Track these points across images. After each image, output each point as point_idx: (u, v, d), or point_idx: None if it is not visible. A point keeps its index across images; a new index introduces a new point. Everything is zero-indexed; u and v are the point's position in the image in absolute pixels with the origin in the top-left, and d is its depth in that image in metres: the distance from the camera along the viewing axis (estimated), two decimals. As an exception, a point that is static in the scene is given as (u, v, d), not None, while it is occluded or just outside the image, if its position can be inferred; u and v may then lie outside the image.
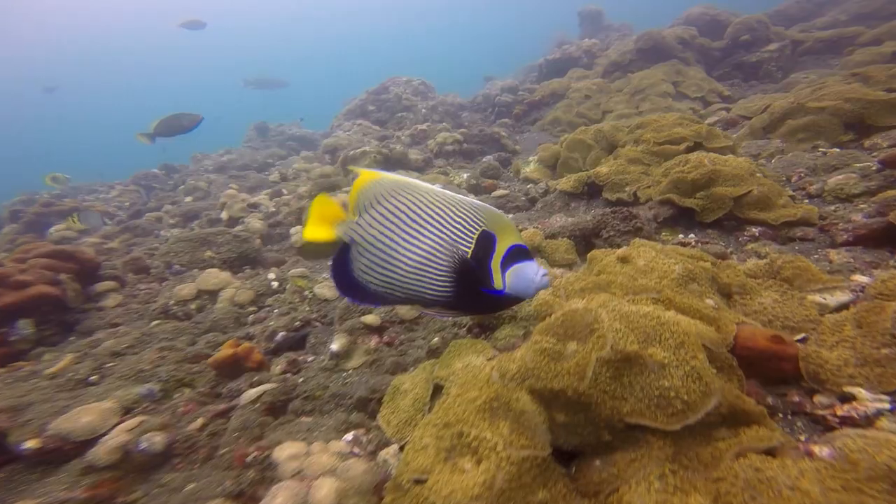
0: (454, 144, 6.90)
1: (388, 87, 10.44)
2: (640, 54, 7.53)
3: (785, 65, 6.47)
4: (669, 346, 1.06)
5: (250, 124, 11.96)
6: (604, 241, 2.29)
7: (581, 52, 10.13)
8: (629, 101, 6.74)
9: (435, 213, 1.15)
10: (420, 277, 1.15)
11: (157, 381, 2.19)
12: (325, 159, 8.12)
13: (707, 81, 6.46)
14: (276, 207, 5.58)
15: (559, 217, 2.83)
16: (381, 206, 1.18)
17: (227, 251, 3.64)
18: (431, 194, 1.17)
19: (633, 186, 2.67)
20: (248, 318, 3.01)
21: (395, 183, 1.19)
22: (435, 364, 1.62)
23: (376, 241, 1.17)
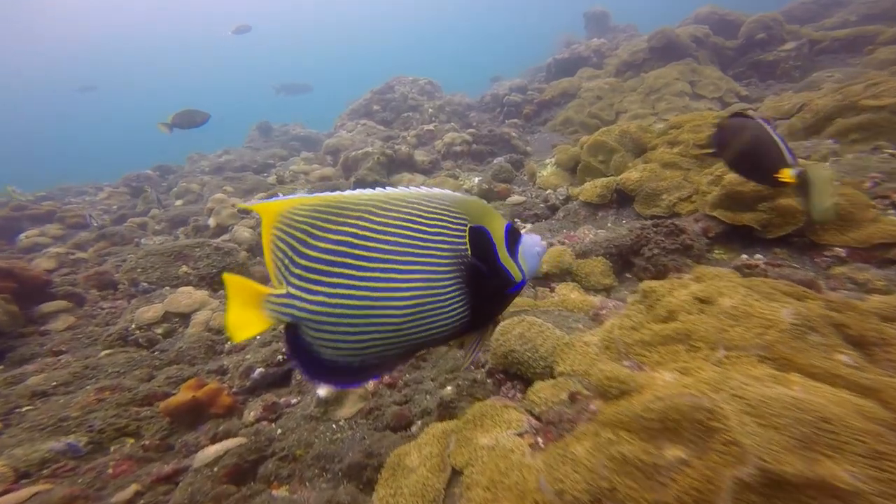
0: (463, 145, 6.52)
1: (394, 87, 10.05)
2: (654, 53, 7.16)
3: (803, 64, 6.09)
4: (848, 454, 0.64)
5: (253, 124, 11.64)
6: (646, 261, 1.87)
7: (590, 52, 9.80)
8: (644, 101, 6.36)
9: (405, 227, 0.87)
10: (422, 315, 0.88)
11: (86, 432, 1.75)
12: (327, 160, 7.72)
13: (724, 80, 6.09)
14: (249, 213, 5.17)
15: (587, 230, 2.41)
16: (315, 251, 0.85)
17: (207, 266, 3.21)
18: (383, 204, 0.87)
19: (672, 195, 2.26)
20: (223, 346, 2.59)
21: (320, 207, 0.86)
22: (450, 433, 1.19)
23: (332, 304, 0.85)
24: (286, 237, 0.86)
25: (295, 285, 0.85)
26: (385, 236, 0.86)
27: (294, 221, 0.85)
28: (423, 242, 0.87)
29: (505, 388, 1.42)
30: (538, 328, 1.40)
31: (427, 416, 1.59)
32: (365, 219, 0.86)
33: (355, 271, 0.84)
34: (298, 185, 6.60)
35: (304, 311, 0.86)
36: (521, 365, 1.35)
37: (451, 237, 0.90)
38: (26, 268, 2.82)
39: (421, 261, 0.87)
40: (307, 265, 0.85)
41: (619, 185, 2.58)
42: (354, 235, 0.85)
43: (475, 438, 1.09)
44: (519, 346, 1.37)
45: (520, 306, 1.70)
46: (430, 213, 0.90)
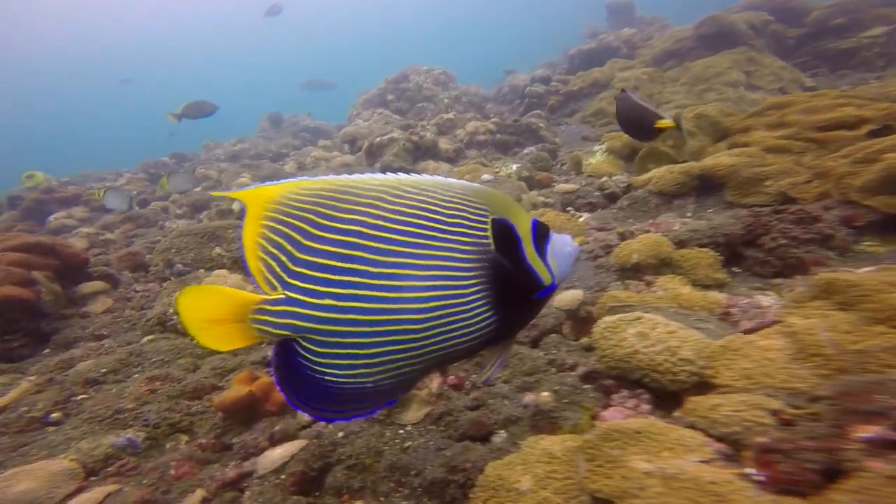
0: (486, 134, 6.28)
1: (409, 76, 10.03)
2: (702, 41, 6.78)
3: (886, 51, 5.64)
4: None
5: (264, 114, 11.74)
6: (766, 253, 1.64)
7: (620, 42, 9.47)
8: (689, 92, 6.03)
9: (421, 216, 0.74)
10: (443, 321, 0.74)
11: (142, 427, 1.59)
12: (345, 149, 7.65)
13: (787, 70, 5.72)
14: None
15: (671, 218, 2.18)
16: (322, 243, 0.71)
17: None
18: (395, 190, 0.75)
19: (781, 181, 2.01)
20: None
21: (325, 191, 0.73)
22: (575, 451, 0.99)
23: (343, 309, 0.71)
24: (283, 228, 0.71)
25: (295, 287, 0.70)
26: (400, 226, 0.73)
27: (294, 208, 0.71)
28: (441, 234, 0.74)
29: (618, 396, 1.22)
30: (665, 327, 1.19)
31: (512, 425, 1.39)
32: (377, 206, 0.73)
33: (369, 267, 0.71)
34: (320, 172, 6.49)
35: (307, 321, 0.70)
36: (649, 370, 1.14)
37: (472, 229, 0.77)
38: (67, 245, 2.68)
39: (440, 255, 0.74)
40: (312, 261, 0.70)
41: (703, 170, 2.34)
42: (366, 224, 0.71)
43: (626, 461, 0.88)
44: (644, 347, 1.16)
45: (622, 300, 1.49)
46: (449, 202, 0.76)
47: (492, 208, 0.80)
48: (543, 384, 1.50)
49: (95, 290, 2.65)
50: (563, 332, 1.73)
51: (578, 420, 1.16)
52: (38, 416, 1.69)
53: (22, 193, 6.92)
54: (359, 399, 0.75)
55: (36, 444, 1.55)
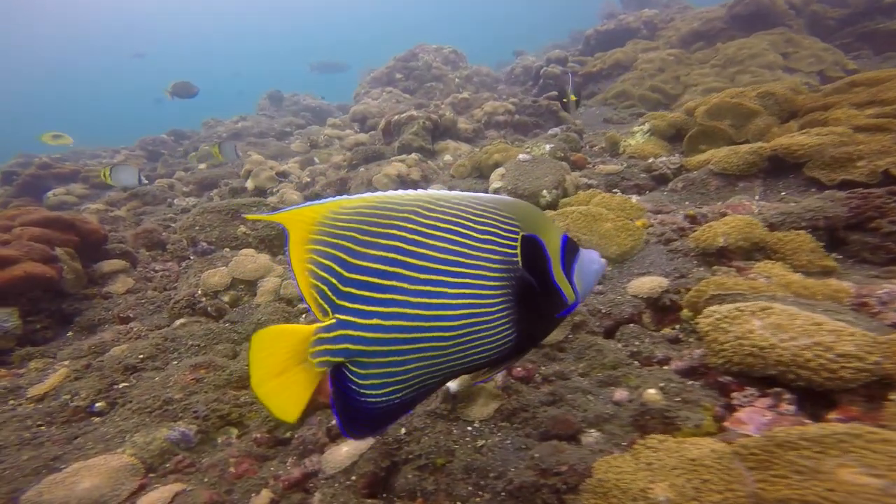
0: (505, 115, 6.06)
1: (417, 55, 9.81)
2: (735, 21, 6.49)
3: None
4: None
5: (263, 93, 11.46)
6: (883, 238, 1.49)
7: (640, 23, 9.16)
8: (720, 74, 5.80)
9: (454, 231, 0.75)
10: (468, 339, 0.75)
11: (193, 419, 1.46)
12: (355, 128, 7.43)
13: (830, 52, 5.46)
14: (310, 177, 4.81)
15: (745, 200, 2.02)
16: (366, 259, 0.72)
17: (265, 227, 2.87)
18: (429, 204, 0.75)
19: (881, 160, 1.84)
20: (300, 320, 2.27)
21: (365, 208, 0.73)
22: (728, 458, 0.85)
23: (386, 328, 0.71)
24: (330, 249, 0.71)
25: (345, 309, 0.71)
26: (434, 241, 0.73)
27: (338, 228, 0.71)
28: (472, 250, 0.75)
29: (742, 395, 1.08)
30: (807, 318, 1.04)
31: (606, 423, 1.25)
32: (412, 220, 0.73)
33: (407, 284, 0.71)
34: (334, 150, 6.31)
35: (358, 343, 0.71)
36: (793, 367, 0.99)
37: (501, 245, 0.77)
38: (86, 220, 2.49)
39: (471, 272, 0.74)
40: (358, 279, 0.71)
41: (776, 150, 2.17)
42: (404, 240, 0.72)
43: (829, 472, 0.74)
44: (783, 341, 1.02)
45: (729, 288, 1.34)
46: (480, 216, 0.77)
47: (523, 224, 0.79)
48: (631, 379, 1.37)
49: (115, 268, 2.47)
50: (643, 322, 1.59)
51: (700, 421, 1.02)
52: (82, 405, 1.55)
53: (16, 169, 6.63)
54: (388, 416, 0.77)
55: (88, 435, 1.42)
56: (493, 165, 3.83)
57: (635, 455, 1.00)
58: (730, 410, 1.06)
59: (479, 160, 4.20)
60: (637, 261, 1.86)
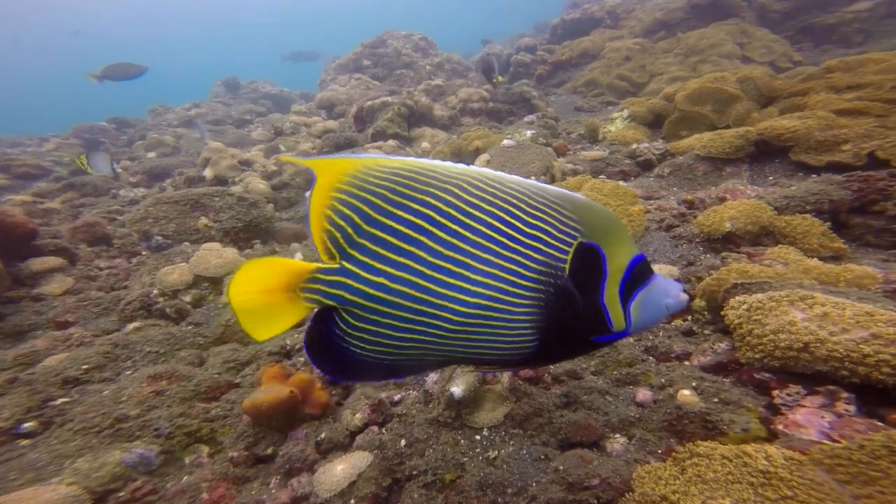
0: (480, 102, 5.94)
1: (386, 41, 9.58)
2: (695, 11, 6.68)
3: (866, 27, 5.76)
4: None
5: (218, 79, 10.83)
6: (889, 220, 1.49)
7: (604, 13, 9.31)
8: (683, 63, 5.95)
9: (497, 215, 0.69)
10: (477, 331, 0.70)
11: (154, 438, 1.22)
12: (322, 115, 7.05)
13: (779, 43, 5.73)
14: (277, 165, 4.45)
15: (739, 185, 2.00)
16: (391, 219, 0.69)
17: (231, 219, 2.57)
18: (477, 182, 0.70)
19: (865, 143, 1.87)
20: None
21: (403, 170, 0.70)
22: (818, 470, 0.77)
23: (391, 290, 0.69)
24: (355, 201, 0.69)
25: (354, 259, 0.70)
26: (470, 220, 0.69)
27: (370, 183, 0.70)
28: (512, 241, 0.70)
29: (786, 394, 1.01)
30: (855, 308, 0.98)
31: (633, 428, 1.15)
32: (454, 193, 0.70)
33: (427, 255, 0.69)
34: (301, 138, 5.94)
35: (356, 294, 0.70)
36: (847, 363, 0.92)
37: (550, 246, 0.71)
38: (8, 213, 2.08)
39: (501, 264, 0.70)
40: (376, 235, 0.69)
41: (762, 134, 2.17)
42: (437, 210, 0.69)
43: None
44: (833, 334, 0.95)
45: (752, 276, 1.28)
46: (535, 208, 0.71)
47: (587, 229, 0.72)
48: (651, 377, 1.28)
49: (49, 267, 2.10)
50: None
51: (747, 425, 0.95)
52: (4, 426, 1.25)
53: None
54: (372, 370, 0.75)
55: (12, 462, 1.14)
56: (475, 152, 3.69)
57: (679, 465, 0.91)
58: (774, 412, 0.99)
59: (460, 146, 4.04)
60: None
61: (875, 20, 5.74)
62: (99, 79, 5.79)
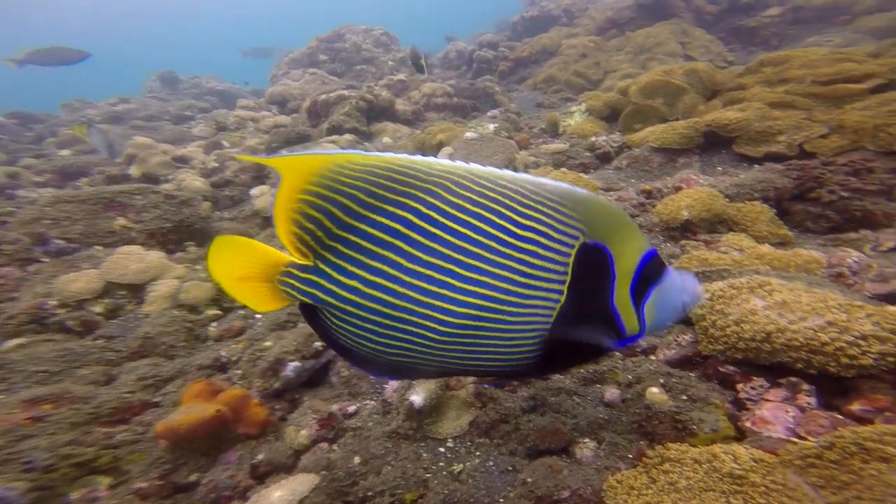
0: (444, 97, 5.85)
1: (344, 36, 9.30)
2: (641, 11, 6.95)
3: (779, 31, 6.25)
4: None
5: (153, 73, 10.13)
6: (823, 207, 1.52)
7: (560, 11, 9.56)
8: (633, 61, 6.17)
9: (486, 217, 0.63)
10: (470, 342, 0.66)
11: (22, 472, 0.99)
12: (273, 110, 6.66)
13: (714, 44, 6.08)
14: (218, 162, 4.07)
15: (692, 175, 2.02)
16: (363, 222, 0.64)
17: (156, 219, 2.26)
18: (462, 180, 0.64)
19: (797, 135, 1.94)
20: (207, 330, 1.80)
21: (379, 168, 0.64)
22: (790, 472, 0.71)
23: (365, 295, 0.65)
24: (325, 203, 0.64)
25: (326, 260, 0.66)
26: (454, 224, 0.63)
27: (341, 182, 0.64)
28: (503, 246, 0.64)
29: (750, 387, 0.96)
30: (811, 294, 0.95)
31: (602, 430, 1.07)
32: (436, 194, 0.64)
33: (404, 260, 0.64)
34: (248, 133, 5.53)
35: (329, 295, 0.67)
36: (806, 353, 0.89)
37: (548, 249, 0.65)
38: None
39: (492, 270, 0.64)
40: (348, 239, 0.65)
41: (710, 125, 2.22)
42: (417, 213, 0.63)
43: None
44: (792, 323, 0.91)
45: (711, 264, 1.24)
46: (529, 207, 0.64)
47: (589, 227, 0.65)
48: (618, 374, 1.22)
49: None
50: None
51: (716, 423, 0.89)
52: None
53: None
54: (371, 362, 0.72)
55: None
56: (438, 145, 3.57)
57: (649, 471, 0.83)
58: (740, 407, 0.94)
59: (423, 140, 3.91)
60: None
61: (784, 25, 6.25)
62: (20, 63, 5.08)
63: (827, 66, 2.19)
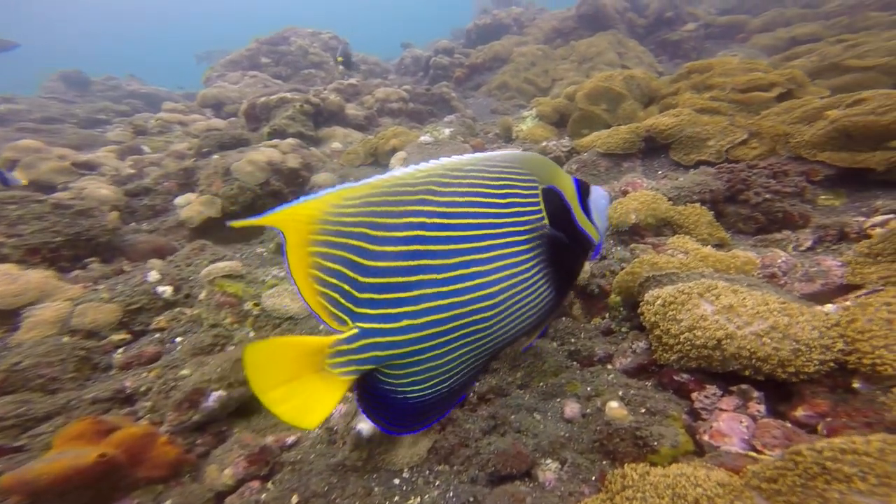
0: (399, 102, 5.73)
1: (289, 39, 8.92)
2: (582, 21, 7.29)
3: (697, 45, 6.83)
4: None
5: (54, 72, 9.22)
6: (751, 209, 1.58)
7: (511, 20, 9.83)
8: (578, 69, 6.44)
9: (476, 201, 0.70)
10: (511, 309, 0.71)
11: None
12: (206, 114, 6.16)
13: (646, 55, 6.50)
14: (135, 168, 3.62)
15: (637, 178, 2.06)
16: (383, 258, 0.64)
17: (39, 232, 1.92)
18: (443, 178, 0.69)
19: (722, 140, 2.04)
20: (111, 356, 1.54)
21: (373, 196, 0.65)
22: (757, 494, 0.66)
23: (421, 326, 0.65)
24: (338, 251, 0.62)
25: (367, 316, 0.64)
26: (457, 219, 0.67)
27: (344, 224, 0.63)
28: (498, 218, 0.71)
29: (704, 396, 0.94)
30: (755, 297, 0.94)
31: (564, 450, 1.00)
32: (429, 201, 0.66)
33: (435, 274, 0.65)
34: (174, 138, 5.03)
35: (388, 348, 0.65)
36: (754, 360, 0.87)
37: (526, 205, 0.75)
38: None
39: (502, 241, 0.71)
40: (377, 282, 0.63)
41: (648, 130, 2.29)
42: (423, 226, 0.65)
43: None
44: (739, 328, 0.89)
45: (661, 268, 1.22)
46: (498, 178, 0.73)
47: (539, 176, 0.77)
48: (576, 386, 1.16)
49: None
50: (574, 313, 1.41)
51: (676, 438, 0.84)
52: None
53: None
54: (437, 406, 0.72)
55: None
56: (391, 150, 3.43)
57: (613, 499, 0.76)
58: (696, 417, 0.91)
59: (375, 146, 3.75)
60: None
61: (699, 40, 6.88)
62: None
63: (741, 75, 2.36)
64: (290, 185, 2.97)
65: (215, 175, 2.88)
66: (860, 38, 3.06)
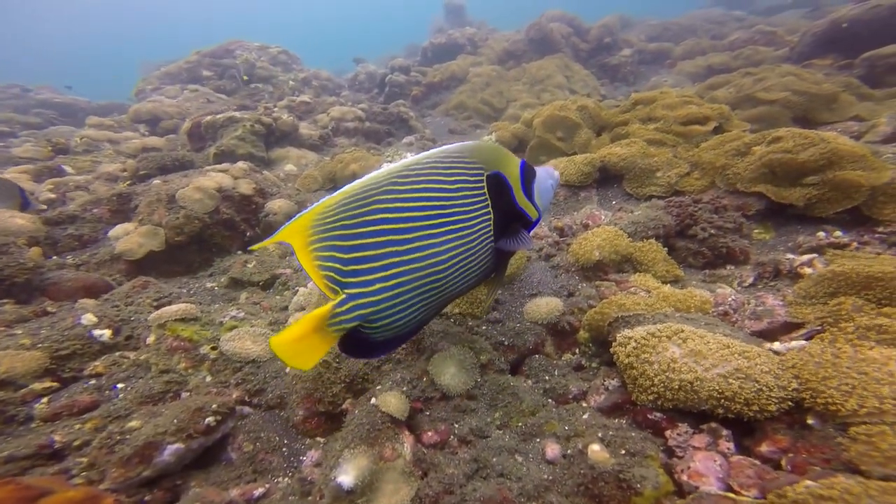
0: (356, 121, 5.63)
1: (234, 52, 8.54)
2: (531, 45, 7.70)
3: (633, 70, 7.50)
4: None
5: None
6: (699, 244, 1.73)
7: (465, 40, 10.09)
8: (530, 91, 6.76)
9: (428, 188, 0.94)
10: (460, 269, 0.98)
11: None
12: (141, 130, 5.69)
13: (590, 77, 6.97)
14: (56, 193, 3.22)
15: (595, 211, 2.18)
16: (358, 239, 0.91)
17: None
18: (402, 173, 0.93)
19: (669, 172, 2.23)
20: (32, 407, 1.35)
21: (346, 199, 0.91)
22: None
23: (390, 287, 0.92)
24: (328, 242, 0.89)
25: (352, 284, 0.90)
26: (413, 202, 0.91)
27: (328, 223, 0.89)
28: (448, 201, 0.94)
29: (677, 434, 1.00)
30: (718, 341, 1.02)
31: (548, 493, 1.01)
32: (391, 191, 0.91)
33: (398, 246, 0.91)
34: (102, 157, 4.56)
35: (368, 307, 0.91)
36: (722, 400, 0.94)
37: (472, 190, 0.97)
38: None
39: (451, 219, 0.94)
40: (357, 257, 0.89)
41: (603, 161, 2.44)
42: (387, 210, 0.90)
43: None
44: (707, 371, 0.97)
45: (628, 308, 1.30)
46: (449, 168, 0.95)
47: (486, 164, 0.99)
48: (554, 425, 1.18)
49: None
50: (546, 351, 1.45)
51: (657, 479, 0.88)
52: None
53: None
54: (401, 339, 1.00)
55: None
56: (351, 176, 3.34)
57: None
58: (671, 454, 0.97)
59: (333, 170, 3.63)
60: (524, 280, 1.75)
61: (635, 65, 7.58)
62: None
63: (681, 109, 2.61)
64: (241, 213, 2.79)
65: (158, 203, 2.64)
66: (762, 72, 3.50)
